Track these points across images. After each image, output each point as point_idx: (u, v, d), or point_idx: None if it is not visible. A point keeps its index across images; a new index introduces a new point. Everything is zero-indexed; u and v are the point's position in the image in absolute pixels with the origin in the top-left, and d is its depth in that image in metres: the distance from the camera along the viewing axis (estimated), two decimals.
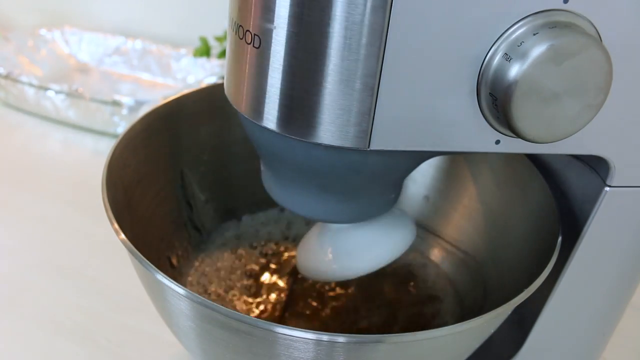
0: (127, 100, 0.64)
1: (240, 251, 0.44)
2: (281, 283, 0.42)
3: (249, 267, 0.43)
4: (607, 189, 0.29)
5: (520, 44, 0.22)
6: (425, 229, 0.44)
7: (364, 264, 0.36)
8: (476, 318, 0.26)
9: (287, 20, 0.23)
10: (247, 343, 0.26)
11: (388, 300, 0.41)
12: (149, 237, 0.37)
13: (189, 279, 0.41)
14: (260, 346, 0.26)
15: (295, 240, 0.46)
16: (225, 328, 0.26)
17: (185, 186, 0.42)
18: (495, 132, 0.25)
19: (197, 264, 0.42)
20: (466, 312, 0.40)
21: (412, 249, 0.40)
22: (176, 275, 0.40)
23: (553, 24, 0.22)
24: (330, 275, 0.36)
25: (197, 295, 0.25)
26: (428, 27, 0.22)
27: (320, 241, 0.36)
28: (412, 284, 0.42)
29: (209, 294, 0.41)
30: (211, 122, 0.42)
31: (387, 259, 0.36)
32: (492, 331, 0.30)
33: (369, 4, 0.21)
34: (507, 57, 0.23)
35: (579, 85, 0.23)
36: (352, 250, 0.35)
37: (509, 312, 0.28)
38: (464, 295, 0.41)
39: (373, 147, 0.24)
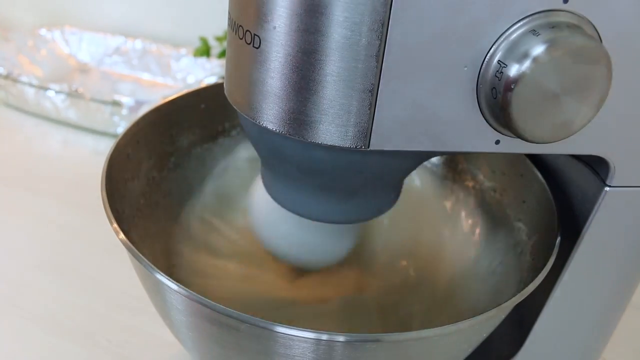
0: (127, 100, 0.64)
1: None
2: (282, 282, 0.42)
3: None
4: (607, 189, 0.29)
5: (520, 44, 0.22)
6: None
7: (321, 259, 0.38)
8: (476, 317, 0.26)
9: (286, 20, 0.23)
10: (248, 342, 0.26)
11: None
12: (149, 236, 0.37)
13: (190, 278, 0.41)
14: (261, 345, 0.26)
15: None
16: (225, 327, 0.26)
17: (185, 186, 0.42)
18: (495, 132, 0.25)
19: (198, 263, 0.42)
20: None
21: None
22: (177, 274, 0.40)
23: (553, 24, 0.22)
24: (293, 263, 0.38)
25: (197, 294, 0.25)
26: (428, 28, 0.22)
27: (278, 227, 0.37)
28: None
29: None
30: (211, 122, 0.42)
31: (342, 253, 0.37)
32: (492, 329, 0.30)
33: (368, 4, 0.21)
34: (507, 58, 0.23)
35: (578, 86, 0.23)
36: (307, 245, 0.37)
37: (509, 311, 0.28)
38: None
39: (373, 147, 0.24)
